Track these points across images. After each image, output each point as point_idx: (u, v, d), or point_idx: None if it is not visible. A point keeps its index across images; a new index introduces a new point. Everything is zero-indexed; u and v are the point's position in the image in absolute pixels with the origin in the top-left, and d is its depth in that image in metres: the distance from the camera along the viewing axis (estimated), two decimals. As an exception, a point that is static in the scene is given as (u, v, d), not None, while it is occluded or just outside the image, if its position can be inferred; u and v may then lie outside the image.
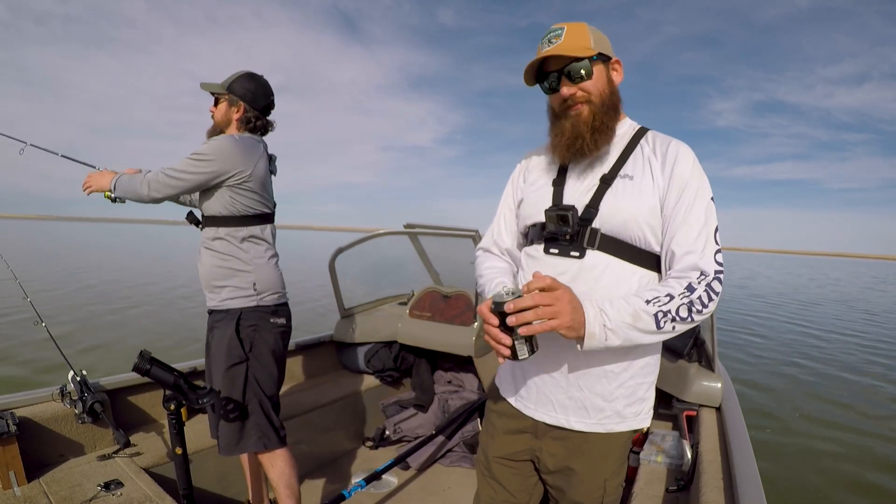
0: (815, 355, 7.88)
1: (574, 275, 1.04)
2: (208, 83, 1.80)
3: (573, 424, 1.10)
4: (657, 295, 0.96)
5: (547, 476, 1.18)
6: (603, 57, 1.06)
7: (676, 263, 1.00)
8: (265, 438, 1.76)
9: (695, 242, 0.99)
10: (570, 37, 1.04)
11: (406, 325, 3.05)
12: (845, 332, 10.27)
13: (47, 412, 1.79)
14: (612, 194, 1.03)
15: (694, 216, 1.00)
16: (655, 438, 2.00)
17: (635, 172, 1.04)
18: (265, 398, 1.77)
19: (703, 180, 1.02)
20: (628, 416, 1.10)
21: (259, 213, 1.79)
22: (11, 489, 1.58)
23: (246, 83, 1.79)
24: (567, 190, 1.09)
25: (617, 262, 1.03)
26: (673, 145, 1.05)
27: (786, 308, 14.07)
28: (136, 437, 2.01)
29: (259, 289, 1.77)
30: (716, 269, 0.98)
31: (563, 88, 1.05)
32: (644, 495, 1.65)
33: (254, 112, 1.81)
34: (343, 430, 2.80)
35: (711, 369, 2.14)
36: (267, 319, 1.78)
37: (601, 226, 1.03)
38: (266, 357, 1.78)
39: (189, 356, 2.54)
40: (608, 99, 1.06)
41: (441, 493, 2.47)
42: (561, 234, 1.05)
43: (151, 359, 1.51)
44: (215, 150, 1.67)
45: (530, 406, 1.15)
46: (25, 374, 5.20)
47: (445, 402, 2.95)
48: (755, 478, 1.36)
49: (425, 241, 3.49)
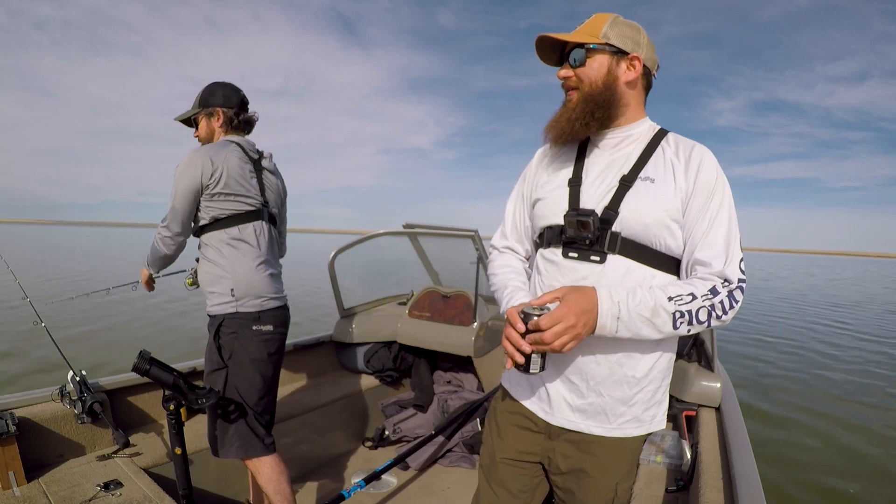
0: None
1: (595, 280, 1.02)
2: (180, 114, 1.87)
3: (592, 429, 1.09)
4: (680, 293, 0.94)
5: (557, 477, 1.16)
6: (613, 49, 1.03)
7: (701, 269, 0.98)
8: (246, 446, 1.75)
9: (720, 249, 0.97)
10: (588, 24, 1.05)
11: (405, 325, 3.05)
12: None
13: (47, 412, 1.79)
14: (633, 197, 1.00)
15: (719, 223, 0.98)
16: (655, 438, 2.00)
17: (657, 175, 1.01)
18: (246, 406, 1.75)
19: (727, 187, 1.01)
20: (646, 420, 1.10)
21: (235, 214, 1.76)
22: (11, 489, 1.57)
23: (214, 91, 1.83)
24: (584, 191, 1.06)
25: (638, 266, 1.01)
26: (697, 150, 1.03)
27: (826, 311, 13.47)
28: (136, 438, 2.01)
29: (237, 295, 1.74)
30: (739, 278, 0.97)
31: (561, 70, 1.06)
32: (643, 495, 1.65)
33: (232, 111, 1.83)
34: (342, 431, 2.80)
35: (711, 369, 2.14)
36: (248, 327, 1.75)
37: (622, 229, 1.01)
38: (246, 365, 1.75)
39: (189, 356, 2.53)
40: (599, 91, 1.03)
41: (441, 493, 2.47)
42: (580, 240, 1.03)
43: (151, 359, 1.51)
44: (180, 169, 1.71)
45: (547, 410, 1.13)
46: (25, 373, 5.20)
47: (445, 402, 2.95)
48: (755, 478, 1.36)
49: (424, 242, 3.49)
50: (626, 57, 1.04)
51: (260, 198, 1.82)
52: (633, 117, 1.08)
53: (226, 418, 1.73)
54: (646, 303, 0.93)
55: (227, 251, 1.75)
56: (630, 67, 1.04)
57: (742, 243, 1.03)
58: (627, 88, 1.05)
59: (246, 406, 1.75)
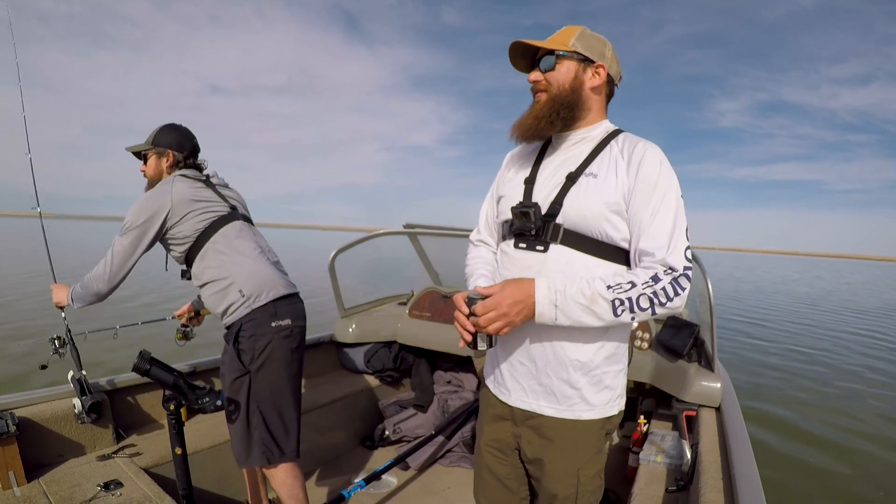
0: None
1: (539, 268, 1.10)
2: (132, 145, 1.83)
3: (543, 410, 1.16)
4: (619, 282, 1.01)
5: (528, 465, 1.24)
6: (580, 57, 1.12)
7: (646, 259, 1.04)
8: (268, 453, 1.72)
9: (663, 239, 1.03)
10: (559, 34, 1.14)
11: (406, 325, 3.05)
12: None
13: (47, 412, 1.79)
14: (576, 192, 1.09)
15: (662, 214, 1.04)
16: (655, 438, 2.00)
17: (600, 171, 1.09)
18: (270, 411, 1.72)
19: (671, 179, 1.06)
20: (597, 403, 1.14)
21: (210, 223, 1.74)
22: (11, 489, 1.58)
23: (168, 133, 1.82)
24: (536, 187, 1.15)
25: (579, 255, 1.09)
26: (640, 146, 1.09)
27: (853, 319, 12.96)
28: (136, 438, 2.01)
29: (247, 293, 1.71)
30: (685, 266, 1.02)
31: (531, 74, 1.15)
32: (644, 495, 1.65)
33: (182, 155, 1.82)
34: (343, 430, 2.80)
35: (711, 369, 2.14)
36: (267, 324, 1.71)
37: (564, 221, 1.09)
38: (269, 367, 1.71)
39: (189, 356, 2.53)
40: (566, 94, 1.11)
41: (441, 493, 2.47)
42: (526, 230, 1.11)
43: (151, 359, 1.51)
44: (134, 213, 1.67)
45: (505, 392, 1.22)
46: (23, 373, 5.20)
47: (445, 402, 2.95)
48: (755, 478, 1.36)
49: (425, 241, 3.49)
50: (593, 65, 1.13)
51: (225, 203, 1.80)
52: (593, 120, 1.16)
53: (249, 426, 1.70)
54: (583, 291, 1.00)
55: (220, 261, 1.72)
56: (595, 74, 1.14)
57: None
58: (592, 93, 1.14)
59: (270, 411, 1.72)
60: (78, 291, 1.76)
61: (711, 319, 2.14)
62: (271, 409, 1.73)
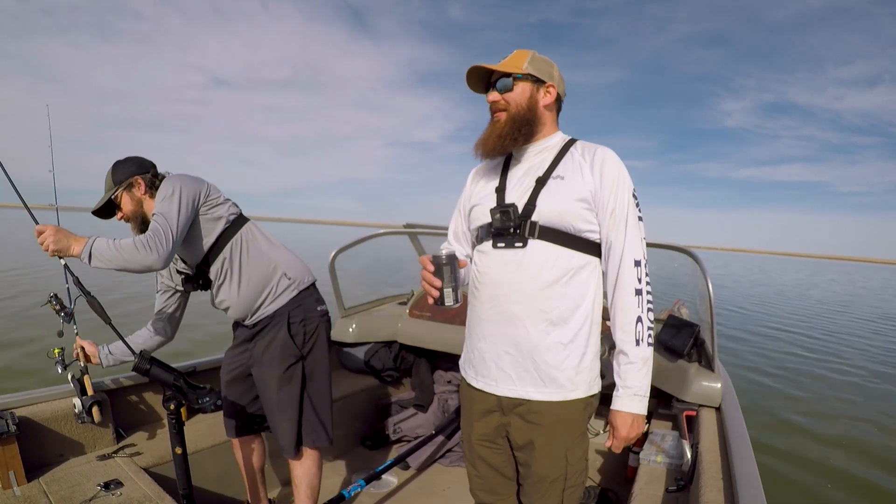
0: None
1: (519, 262, 1.21)
2: (97, 202, 1.68)
3: (531, 395, 1.22)
4: (629, 330, 1.17)
5: (517, 453, 1.31)
6: (533, 78, 1.24)
7: (612, 251, 1.20)
8: (314, 435, 1.75)
9: (624, 231, 1.18)
10: (512, 58, 1.25)
11: (406, 324, 3.05)
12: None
13: (47, 412, 1.79)
14: (547, 192, 1.21)
15: (621, 208, 1.19)
16: (655, 438, 2.00)
17: (566, 174, 1.21)
18: (319, 395, 1.76)
19: (628, 177, 1.22)
20: (580, 383, 1.23)
21: (238, 215, 1.74)
22: (11, 489, 1.58)
23: (121, 166, 1.68)
24: (508, 193, 1.26)
25: (555, 247, 1.20)
26: (600, 151, 1.23)
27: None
28: (136, 437, 2.01)
29: (292, 276, 1.73)
30: (643, 253, 1.19)
31: (490, 95, 1.26)
32: (644, 495, 1.65)
33: (149, 175, 1.69)
34: (343, 430, 2.79)
35: (711, 369, 2.14)
36: (313, 308, 1.76)
37: (539, 218, 1.20)
38: (315, 353, 1.76)
39: (189, 356, 2.54)
40: (524, 112, 1.24)
41: (441, 492, 2.47)
42: (505, 229, 1.22)
43: (151, 359, 1.51)
44: (173, 182, 1.60)
45: (492, 383, 1.27)
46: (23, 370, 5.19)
47: (445, 401, 2.95)
48: (755, 478, 1.36)
49: (425, 241, 3.49)
50: (544, 85, 1.26)
51: (230, 204, 1.76)
52: (548, 132, 1.29)
53: (302, 411, 1.73)
54: (638, 373, 1.18)
55: (258, 249, 1.73)
56: (546, 93, 1.26)
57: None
58: (545, 110, 1.27)
59: (320, 395, 1.76)
60: (105, 249, 1.42)
61: (711, 319, 2.14)
62: (321, 393, 1.77)
